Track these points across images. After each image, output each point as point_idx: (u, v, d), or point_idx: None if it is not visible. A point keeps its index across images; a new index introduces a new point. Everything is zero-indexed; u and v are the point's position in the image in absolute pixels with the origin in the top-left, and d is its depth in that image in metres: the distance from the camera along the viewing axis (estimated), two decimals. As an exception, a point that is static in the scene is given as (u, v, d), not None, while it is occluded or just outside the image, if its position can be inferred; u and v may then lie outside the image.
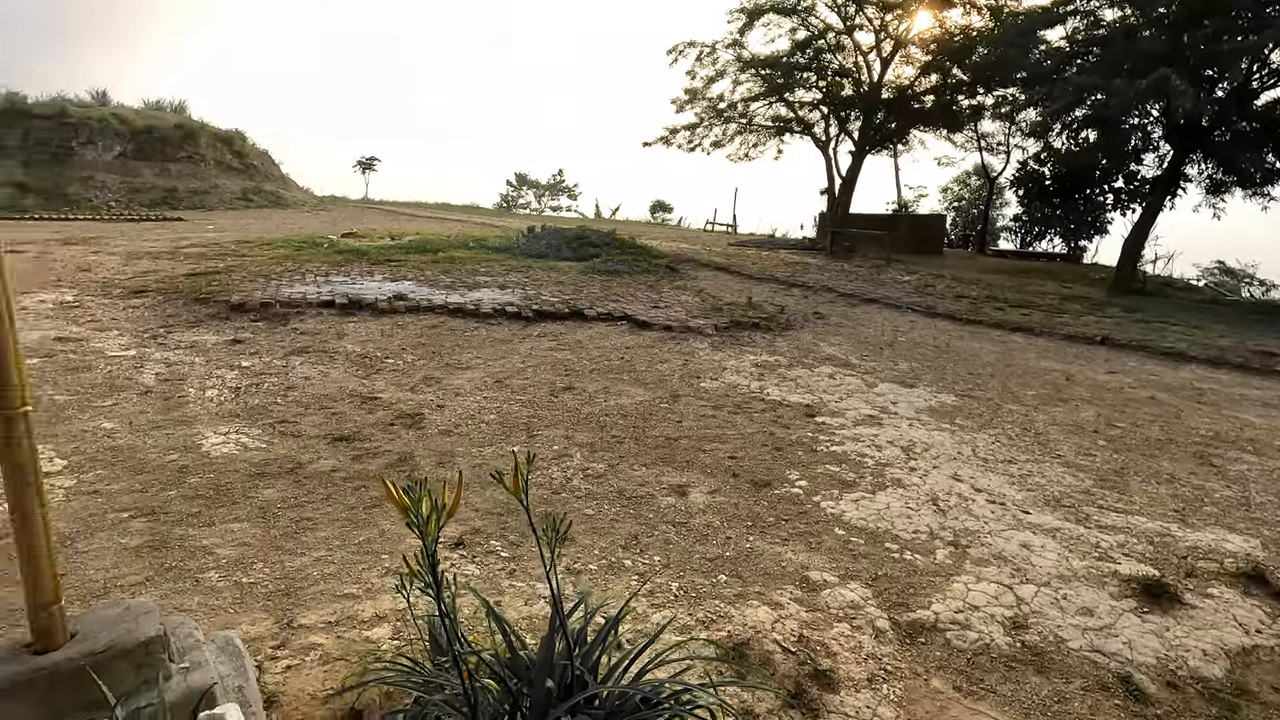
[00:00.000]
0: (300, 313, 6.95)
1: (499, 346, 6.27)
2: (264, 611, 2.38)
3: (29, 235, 13.86)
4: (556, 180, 54.81)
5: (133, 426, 3.99)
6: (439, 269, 10.20)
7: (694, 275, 11.83)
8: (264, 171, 32.05)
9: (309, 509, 3.14)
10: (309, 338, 6.16)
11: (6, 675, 1.45)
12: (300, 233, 15.57)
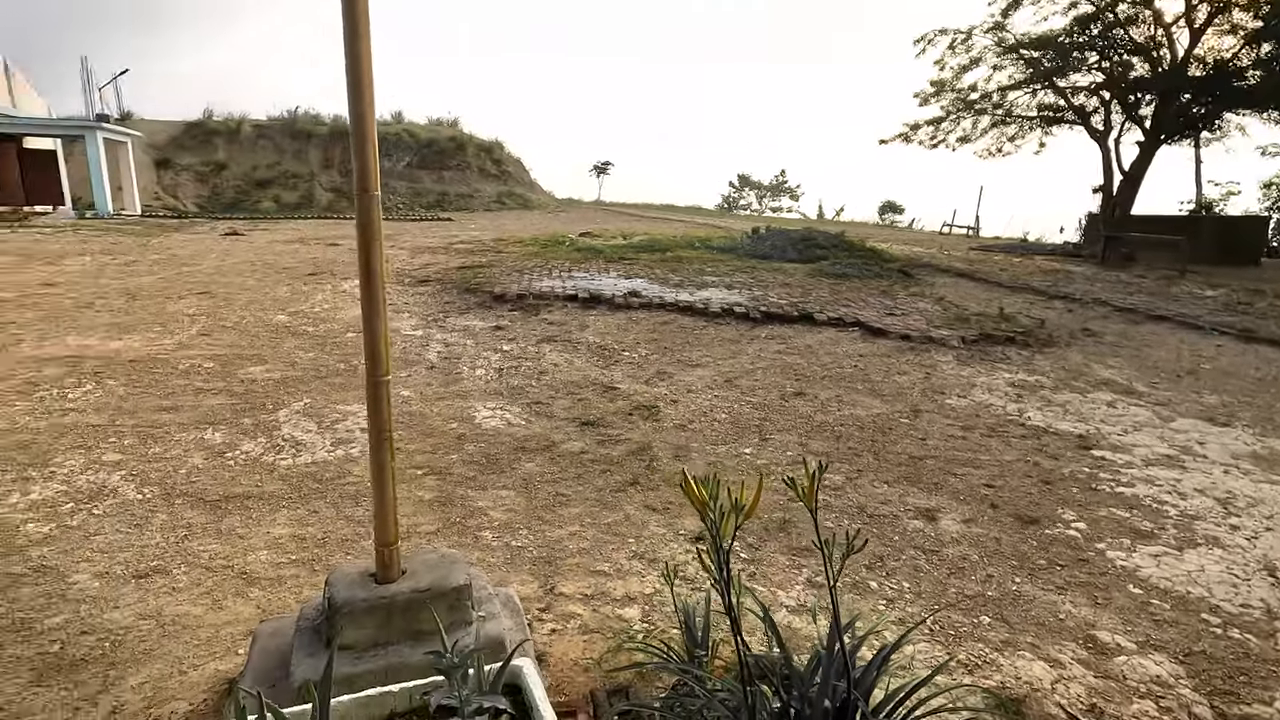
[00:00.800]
0: (548, 305, 7.62)
1: (727, 346, 6.31)
2: (530, 575, 2.62)
3: (344, 232, 16.93)
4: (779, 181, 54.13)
5: (423, 396, 4.66)
6: (667, 267, 10.58)
7: (931, 281, 10.91)
8: (516, 176, 35.73)
9: (563, 485, 3.41)
10: (556, 328, 6.73)
11: (361, 596, 1.74)
12: (545, 232, 17.14)
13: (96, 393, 4.45)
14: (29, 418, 3.98)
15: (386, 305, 1.72)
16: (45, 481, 3.22)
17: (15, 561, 2.58)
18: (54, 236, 13.76)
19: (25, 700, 1.90)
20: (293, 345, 5.79)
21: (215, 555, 2.68)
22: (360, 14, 1.51)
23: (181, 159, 29.15)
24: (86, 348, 5.46)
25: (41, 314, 6.56)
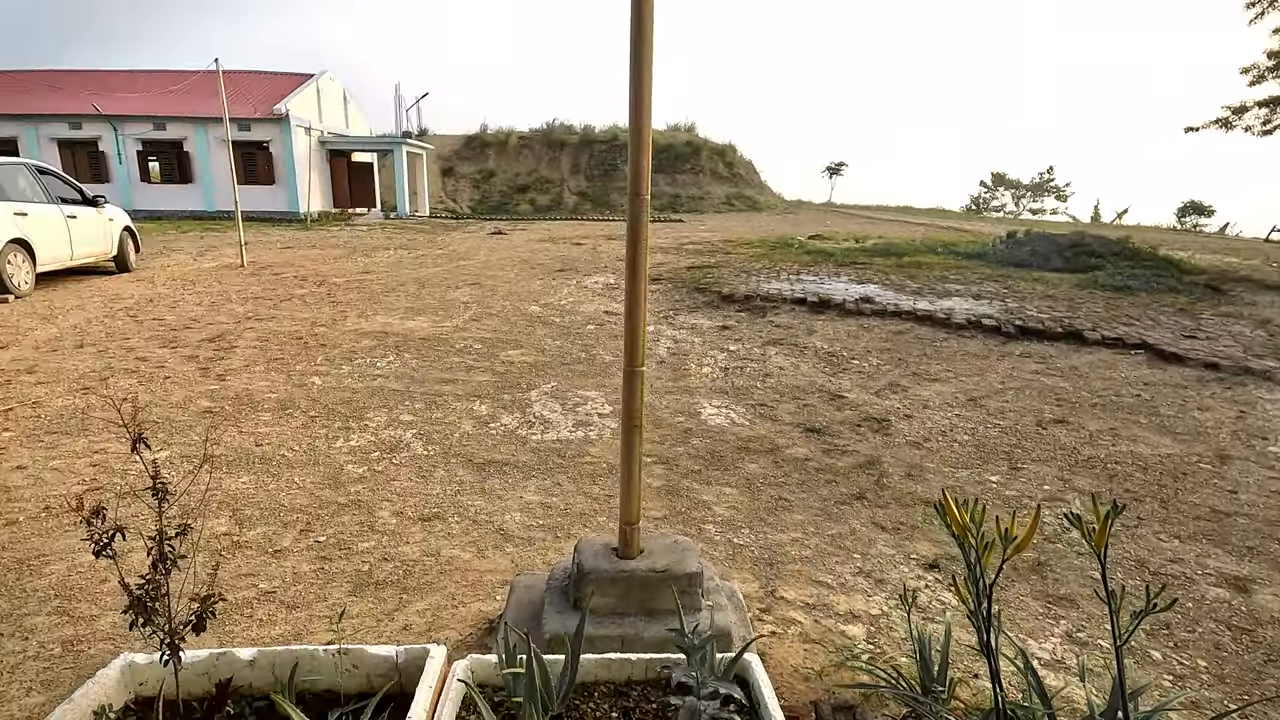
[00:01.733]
0: (775, 307, 7.57)
1: (972, 361, 5.74)
2: (751, 574, 2.65)
3: (586, 232, 18.41)
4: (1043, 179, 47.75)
5: (653, 389, 4.92)
6: (904, 273, 9.91)
7: (1251, 300, 8.87)
8: (746, 179, 35.88)
9: (785, 490, 3.38)
10: (782, 330, 6.66)
11: (605, 568, 1.89)
12: (773, 234, 17.02)
13: (396, 364, 5.37)
14: (351, 379, 4.94)
15: (647, 302, 1.85)
16: (360, 432, 3.98)
17: (340, 494, 3.22)
18: (368, 233, 16.85)
19: (347, 604, 2.37)
20: (543, 333, 6.45)
21: (480, 510, 3.10)
22: (645, 42, 1.63)
23: (461, 168, 33.84)
24: (390, 325, 6.61)
25: (361, 296, 8.09)
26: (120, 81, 23.81)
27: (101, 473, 3.36)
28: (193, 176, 22.28)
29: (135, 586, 1.38)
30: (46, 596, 2.38)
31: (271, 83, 23.14)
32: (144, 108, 21.82)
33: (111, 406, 4.23)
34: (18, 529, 2.83)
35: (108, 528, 1.39)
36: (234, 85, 20.72)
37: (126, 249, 9.80)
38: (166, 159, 22.20)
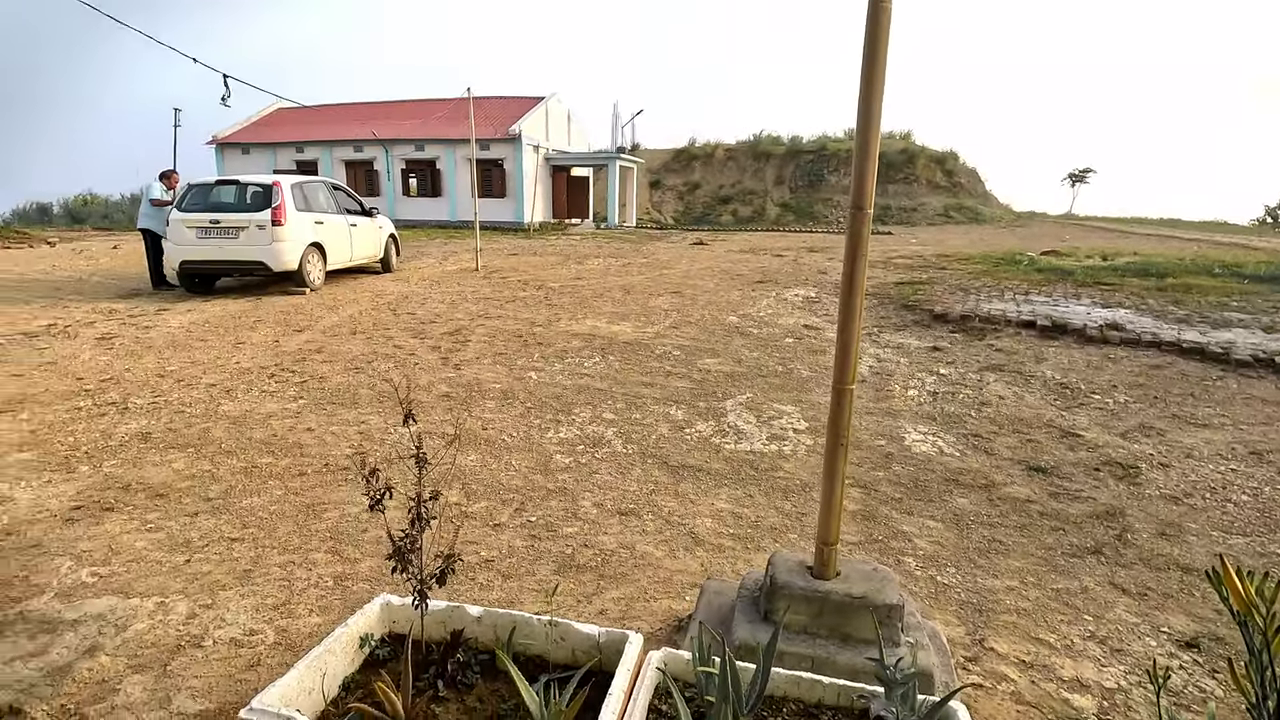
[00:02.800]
0: (997, 329, 6.87)
1: (1258, 407, 4.75)
2: (956, 617, 2.44)
3: (788, 244, 18.13)
4: (1376, 185, 37.88)
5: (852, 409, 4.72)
6: (1166, 298, 8.45)
7: None
8: (968, 188, 33.00)
9: (1000, 531, 3.06)
10: (1004, 356, 6.03)
11: (799, 585, 1.87)
12: (997, 248, 15.45)
13: (601, 365, 5.73)
14: (561, 376, 5.36)
15: (862, 318, 1.80)
16: (568, 426, 4.30)
17: (549, 480, 3.52)
18: (580, 242, 18.14)
19: (550, 582, 2.59)
20: (740, 344, 6.48)
21: (673, 512, 3.20)
22: (879, 51, 1.60)
23: (668, 180, 35.11)
24: (597, 329, 7.07)
25: (573, 300, 8.74)
26: (391, 110, 28.08)
27: (365, 440, 4.01)
28: (441, 191, 25.61)
29: (397, 538, 1.64)
30: (324, 537, 2.90)
31: (507, 106, 25.83)
32: (408, 132, 25.55)
33: (378, 387, 5.02)
34: (306, 479, 3.47)
35: (381, 486, 1.67)
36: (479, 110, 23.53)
37: (390, 253, 11.55)
38: (422, 176, 25.78)
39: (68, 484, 3.37)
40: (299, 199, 9.12)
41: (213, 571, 2.62)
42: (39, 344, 6.29)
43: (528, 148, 24.35)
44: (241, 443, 3.92)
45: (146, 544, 2.81)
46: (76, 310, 8.01)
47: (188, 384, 5.05)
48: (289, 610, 2.39)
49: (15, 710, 1.90)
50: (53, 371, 5.38)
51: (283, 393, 4.87)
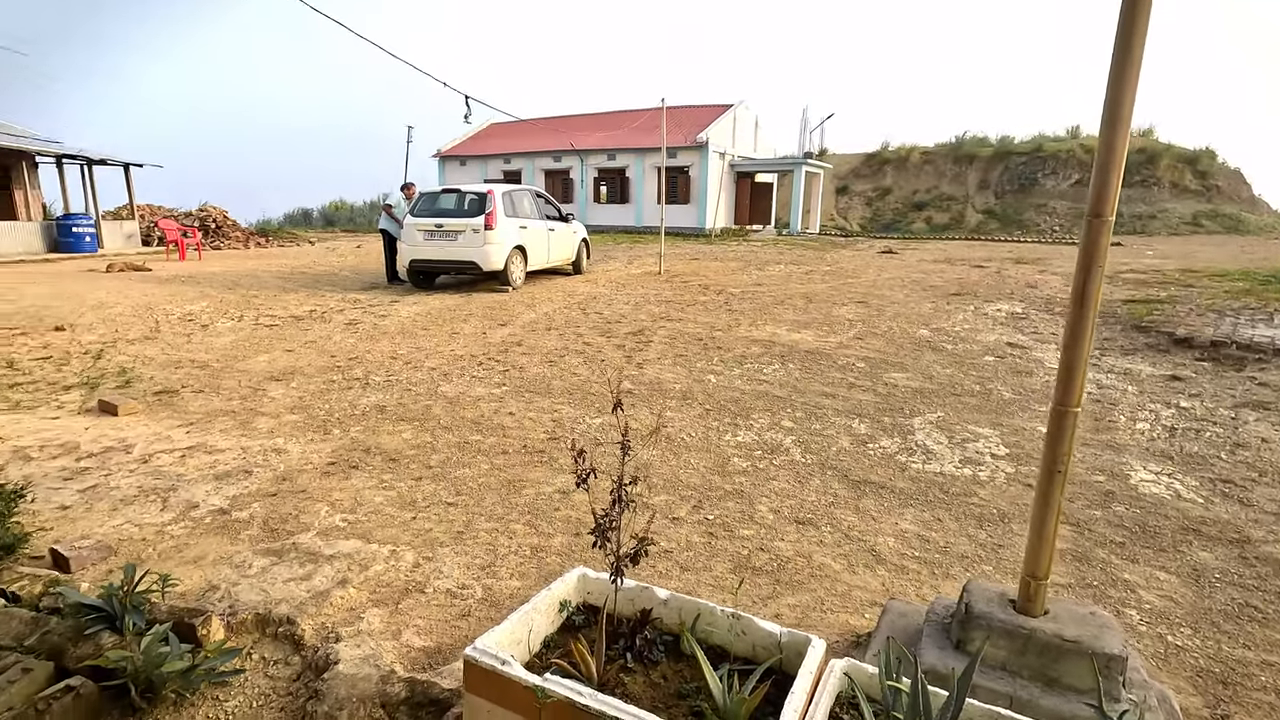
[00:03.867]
0: (1262, 360, 5.78)
1: None
2: (1191, 685, 2.12)
3: (989, 254, 16.60)
4: None
5: (1064, 437, 4.24)
6: None
7: None
8: (1227, 192, 28.00)
9: (1256, 597, 2.60)
10: (1272, 392, 5.06)
11: (999, 618, 1.75)
12: (1265, 264, 12.94)
13: (780, 372, 5.68)
14: (740, 381, 5.40)
15: (1092, 336, 1.64)
16: (745, 430, 4.33)
17: (726, 481, 3.57)
18: (761, 248, 18.01)
19: (728, 581, 2.64)
20: (931, 359, 6.08)
21: (852, 527, 3.11)
22: (1136, 41, 1.45)
23: (856, 186, 33.69)
24: (777, 336, 7.01)
25: (753, 306, 8.74)
26: (586, 123, 29.84)
27: (558, 427, 4.34)
28: (629, 197, 26.76)
29: (599, 516, 1.79)
30: (523, 511, 3.20)
31: (695, 114, 26.34)
32: (601, 142, 27.01)
33: (569, 379, 5.40)
34: (508, 458, 3.84)
35: (587, 467, 1.83)
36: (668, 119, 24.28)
37: (581, 256, 12.32)
38: (612, 183, 27.12)
39: (324, 443, 4.04)
40: (508, 206, 10.05)
41: (433, 529, 3.01)
42: (303, 325, 7.56)
43: (713, 155, 24.66)
44: (456, 420, 4.44)
45: (382, 500, 3.29)
46: (330, 299, 9.51)
47: (414, 366, 5.79)
48: (493, 572, 2.67)
49: (290, 621, 2.33)
50: (313, 349, 6.44)
51: (489, 379, 5.42)
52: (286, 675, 2.15)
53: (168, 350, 6.37)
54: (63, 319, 7.78)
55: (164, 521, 3.03)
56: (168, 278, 11.88)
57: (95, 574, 2.63)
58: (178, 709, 2.03)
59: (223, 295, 9.73)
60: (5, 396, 4.91)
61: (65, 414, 4.53)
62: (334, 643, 2.21)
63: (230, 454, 3.82)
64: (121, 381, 5.29)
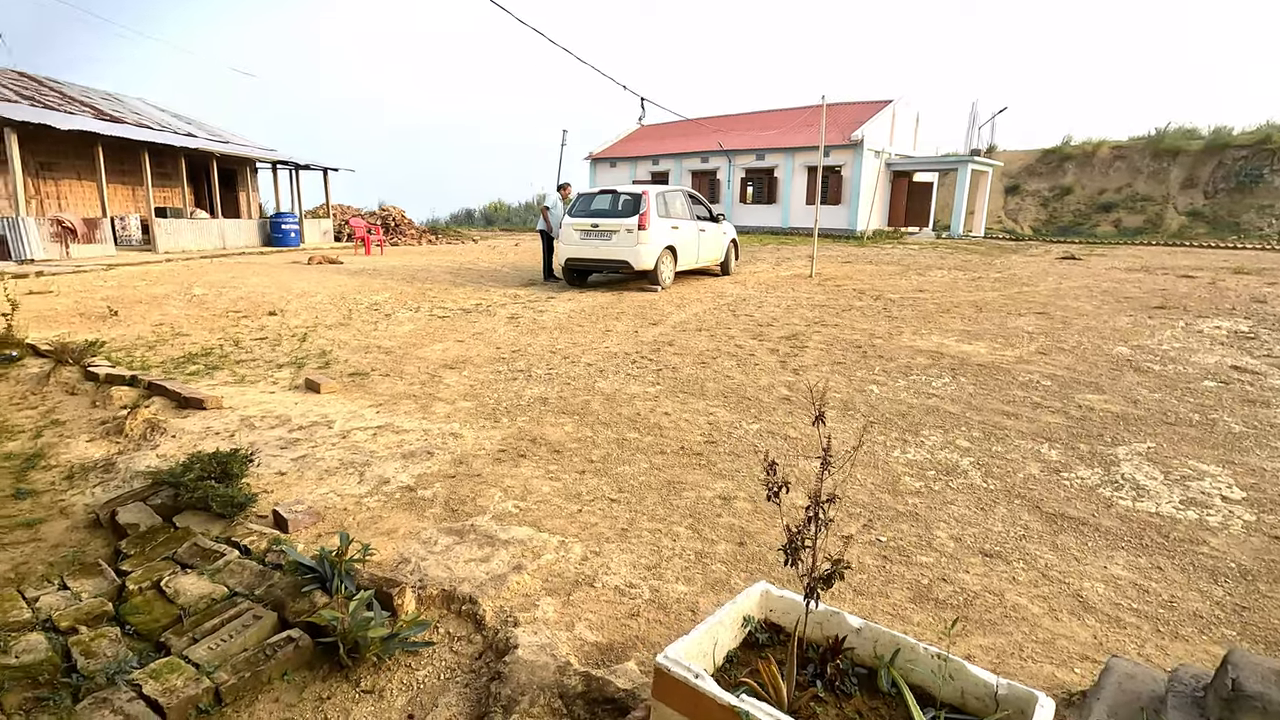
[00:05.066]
0: None
1: None
2: None
3: (1197, 261, 14.46)
4: None
5: (1320, 483, 3.55)
6: None
7: None
8: None
9: None
10: None
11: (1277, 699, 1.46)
12: None
13: (951, 386, 5.25)
14: (906, 394, 5.06)
15: None
16: (916, 447, 4.03)
17: (897, 501, 3.34)
18: (919, 252, 16.91)
19: (904, 612, 2.45)
20: (1134, 381, 5.35)
21: (1050, 565, 2.78)
22: None
23: (1029, 184, 30.75)
24: (945, 346, 6.51)
25: (915, 313, 8.20)
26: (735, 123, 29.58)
27: (714, 430, 4.29)
28: (776, 198, 26.21)
29: (792, 532, 1.70)
30: (684, 514, 3.17)
31: (851, 112, 25.25)
32: (749, 142, 26.66)
33: (723, 382, 5.34)
34: (665, 458, 3.84)
35: (779, 480, 1.74)
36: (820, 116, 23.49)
37: (730, 257, 12.21)
38: (759, 183, 26.70)
39: (495, 430, 4.26)
40: (661, 206, 10.16)
41: (598, 524, 3.06)
42: (470, 318, 8.09)
43: (868, 153, 23.53)
44: (614, 417, 4.52)
45: (550, 490, 3.40)
46: (493, 294, 10.11)
47: (572, 361, 5.99)
48: (659, 573, 2.66)
49: (472, 600, 2.45)
50: (480, 340, 6.86)
51: (643, 377, 5.48)
52: (469, 653, 2.27)
53: (358, 336, 7.06)
54: (274, 305, 8.88)
55: (361, 494, 3.33)
56: (356, 270, 13.23)
57: (307, 536, 2.93)
58: (376, 671, 2.19)
59: (402, 288, 10.66)
60: (233, 371, 5.67)
61: (279, 389, 5.14)
62: (512, 627, 2.29)
63: (414, 435, 4.13)
64: (322, 363, 5.92)
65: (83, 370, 5.36)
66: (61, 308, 8.55)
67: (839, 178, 24.08)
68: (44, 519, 3.27)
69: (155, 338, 6.94)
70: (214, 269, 13.10)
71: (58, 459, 3.97)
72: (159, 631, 2.35)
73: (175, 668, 2.11)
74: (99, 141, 15.68)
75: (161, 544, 2.91)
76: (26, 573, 2.82)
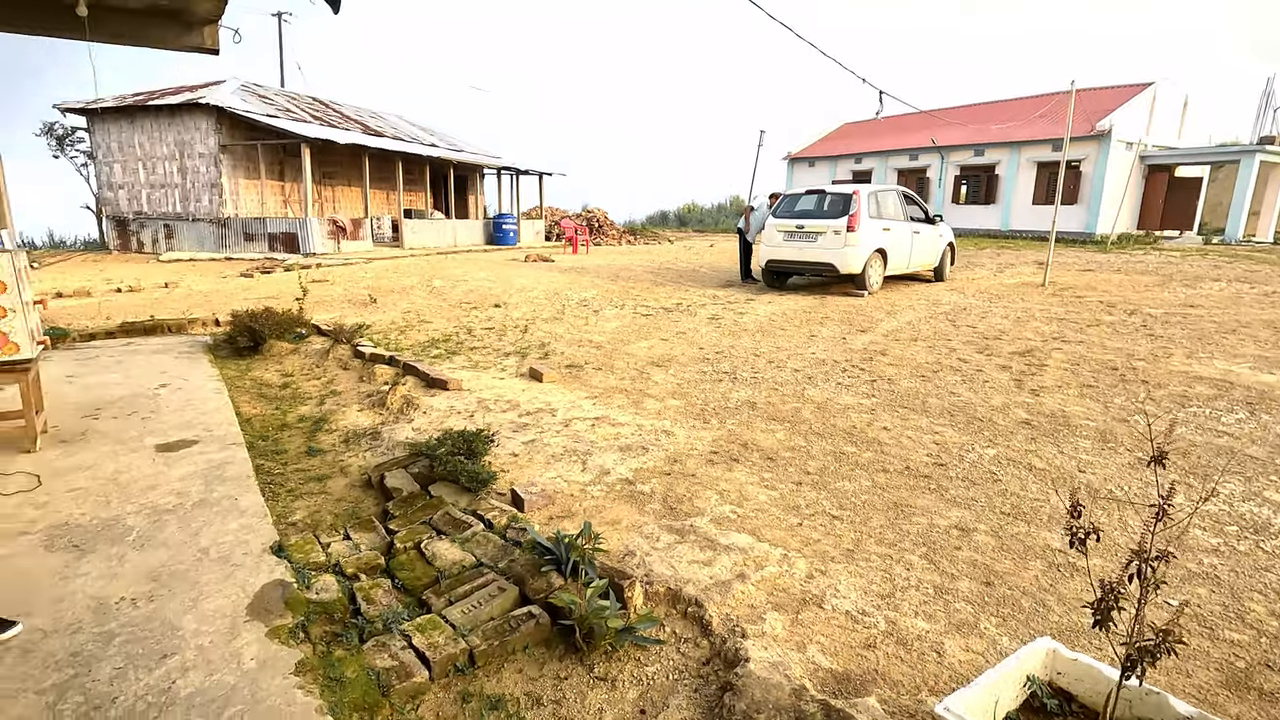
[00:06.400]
0: None
1: None
2: None
3: None
4: None
5: None
6: None
7: None
8: None
9: None
10: None
11: None
12: None
13: (1250, 424, 4.32)
14: (1187, 430, 4.24)
15: None
16: (1211, 496, 3.35)
17: (1188, 558, 2.78)
18: (1183, 259, 14.32)
19: (1216, 699, 2.01)
20: None
21: None
22: None
23: (1343, 178, 24.71)
24: (1233, 374, 5.39)
25: (1186, 332, 6.91)
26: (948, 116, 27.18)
27: (943, 451, 3.91)
28: (995, 197, 23.72)
29: (1105, 588, 1.44)
30: (916, 541, 2.91)
31: (1096, 98, 22.04)
32: (966, 137, 24.38)
33: (949, 399, 4.88)
34: (889, 477, 3.57)
35: (1086, 526, 1.49)
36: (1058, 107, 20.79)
37: (945, 261, 11.23)
38: (976, 182, 24.34)
39: (704, 431, 4.26)
40: (872, 207, 9.61)
41: (820, 541, 2.91)
42: (672, 317, 8.24)
43: (1117, 145, 20.42)
44: (827, 427, 4.31)
45: (766, 499, 3.31)
46: (692, 293, 10.24)
47: (777, 366, 5.85)
48: (894, 604, 2.46)
49: (698, 604, 2.43)
50: (683, 340, 6.95)
51: (855, 387, 5.18)
52: (696, 657, 2.24)
53: (571, 330, 7.50)
54: (498, 298, 9.75)
55: (585, 481, 3.48)
56: (566, 268, 14.15)
57: (540, 517, 3.12)
58: (608, 659, 2.25)
59: (607, 285, 11.19)
60: (468, 356, 6.28)
61: (507, 376, 5.59)
62: (740, 638, 2.23)
63: (628, 429, 4.26)
64: (542, 353, 6.36)
65: (352, 349, 6.26)
66: (334, 295, 10.10)
67: (1076, 174, 21.19)
68: (329, 475, 3.83)
69: (405, 323, 7.93)
70: (448, 264, 14.73)
71: (336, 424, 4.64)
72: (420, 589, 2.62)
73: (436, 625, 2.33)
74: (365, 153, 18.35)
75: (420, 509, 3.26)
76: (318, 520, 3.31)
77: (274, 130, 17.11)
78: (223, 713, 1.91)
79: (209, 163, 17.95)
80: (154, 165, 18.80)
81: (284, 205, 19.27)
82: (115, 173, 19.41)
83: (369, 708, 1.99)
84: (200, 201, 18.33)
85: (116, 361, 6.11)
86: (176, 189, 18.65)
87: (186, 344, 6.97)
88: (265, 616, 2.37)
